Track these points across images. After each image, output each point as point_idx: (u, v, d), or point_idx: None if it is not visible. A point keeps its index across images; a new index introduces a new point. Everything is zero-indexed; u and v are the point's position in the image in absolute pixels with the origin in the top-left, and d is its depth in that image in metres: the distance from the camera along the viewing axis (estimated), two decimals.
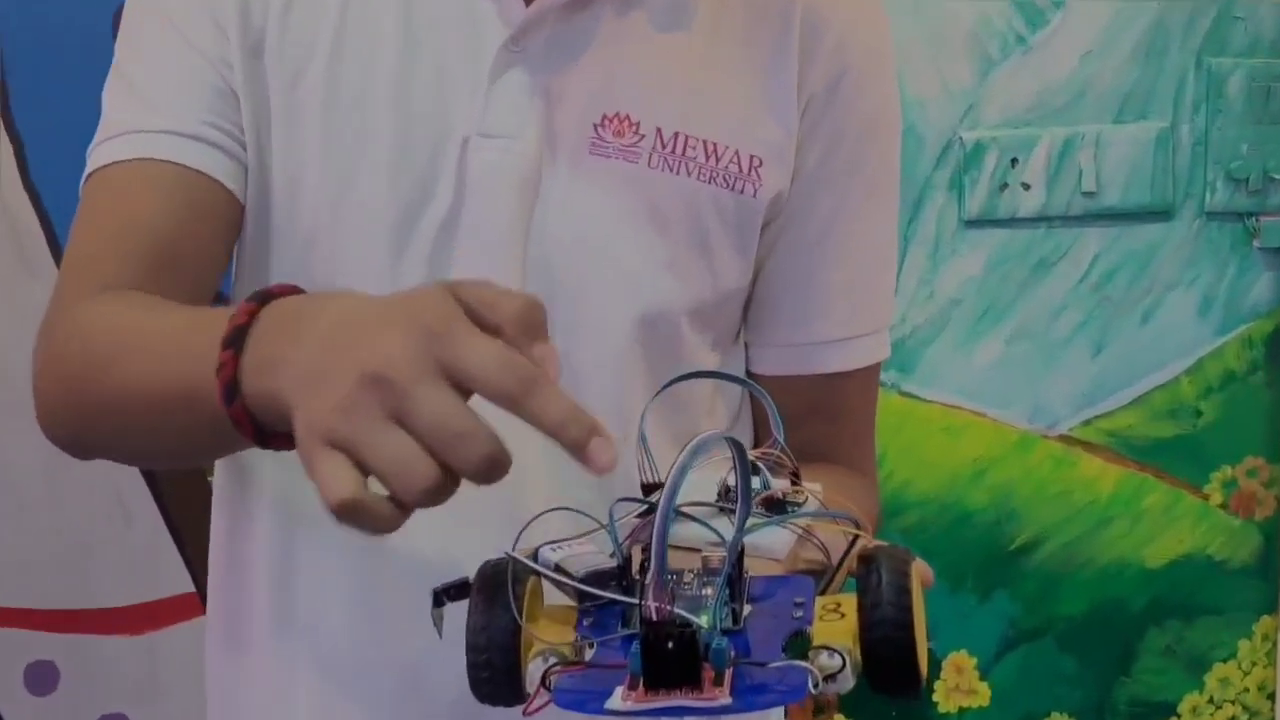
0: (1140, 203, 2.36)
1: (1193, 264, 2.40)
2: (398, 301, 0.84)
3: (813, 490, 0.90)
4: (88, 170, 1.17)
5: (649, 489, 0.88)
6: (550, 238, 1.16)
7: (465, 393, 0.79)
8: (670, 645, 0.74)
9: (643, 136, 1.17)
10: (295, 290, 0.94)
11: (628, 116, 1.17)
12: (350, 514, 0.79)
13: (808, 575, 0.85)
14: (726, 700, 0.74)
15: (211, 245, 1.17)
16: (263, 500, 1.23)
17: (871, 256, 1.28)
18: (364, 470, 0.79)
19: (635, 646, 0.75)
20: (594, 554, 0.82)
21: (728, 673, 0.74)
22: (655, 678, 0.74)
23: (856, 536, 0.85)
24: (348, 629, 1.20)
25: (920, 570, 0.81)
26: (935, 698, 2.42)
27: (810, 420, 0.98)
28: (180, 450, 1.12)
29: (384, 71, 1.16)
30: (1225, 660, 2.50)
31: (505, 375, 0.79)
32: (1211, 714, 2.51)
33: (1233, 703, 2.51)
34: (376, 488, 0.80)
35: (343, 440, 0.79)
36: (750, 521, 0.81)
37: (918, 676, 0.78)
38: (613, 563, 0.81)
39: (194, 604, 2.18)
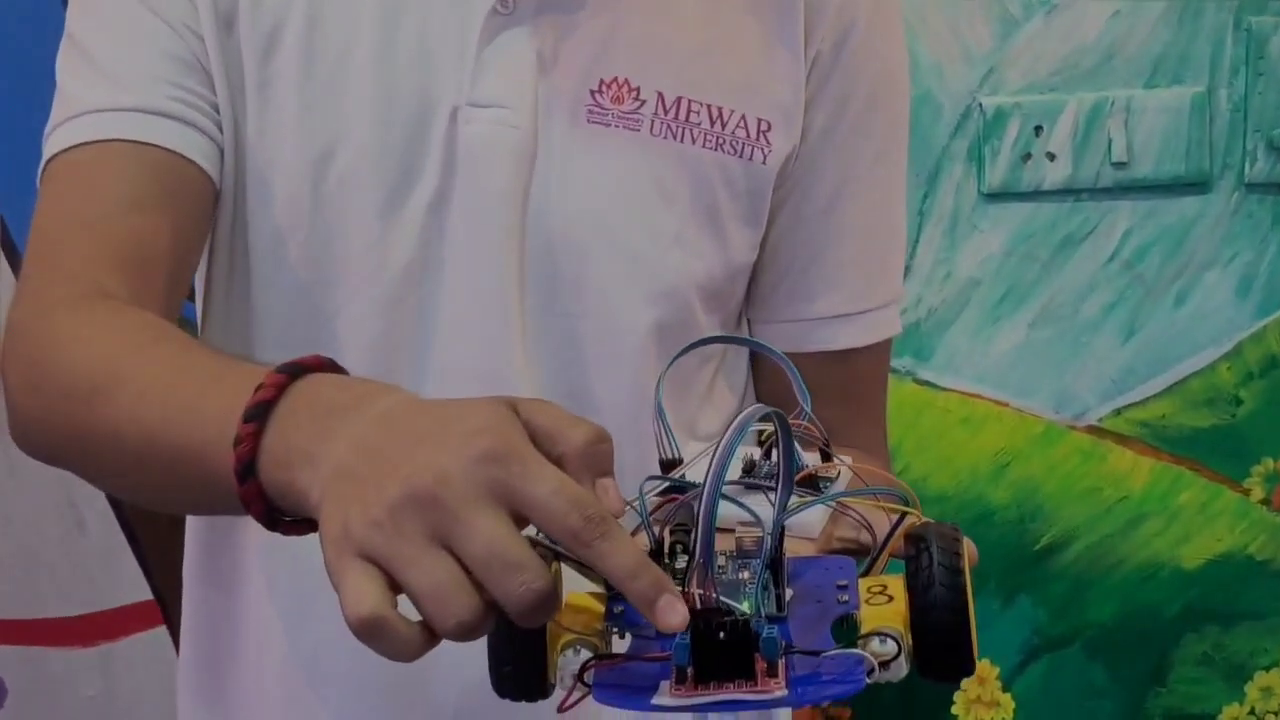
0: (1174, 174, 2.33)
1: (1231, 240, 2.36)
2: (454, 413, 0.82)
3: (844, 462, 0.91)
4: (48, 154, 1.16)
5: (668, 466, 0.89)
6: (549, 214, 1.17)
7: (521, 522, 0.79)
8: (721, 636, 0.74)
9: (643, 102, 1.18)
10: (330, 364, 0.93)
11: (626, 81, 1.17)
12: (373, 633, 0.78)
13: (843, 555, 0.86)
14: (783, 692, 0.74)
15: (188, 234, 1.16)
16: (246, 547, 1.24)
17: (881, 226, 1.30)
18: (395, 589, 0.78)
19: (681, 637, 0.74)
20: None
21: (781, 663, 0.75)
22: (706, 670, 0.74)
23: (903, 514, 0.85)
24: (338, 652, 1.19)
25: (969, 549, 0.81)
26: (955, 710, 2.42)
27: (817, 401, 0.97)
28: (167, 502, 1.12)
29: (364, 39, 1.16)
30: (1268, 669, 2.48)
31: (572, 512, 0.78)
32: None
33: (1276, 714, 2.50)
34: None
35: (380, 556, 0.78)
36: (792, 501, 0.82)
37: (971, 661, 0.78)
38: (644, 547, 0.81)
39: (152, 612, 2.19)
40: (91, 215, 1.12)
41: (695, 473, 0.84)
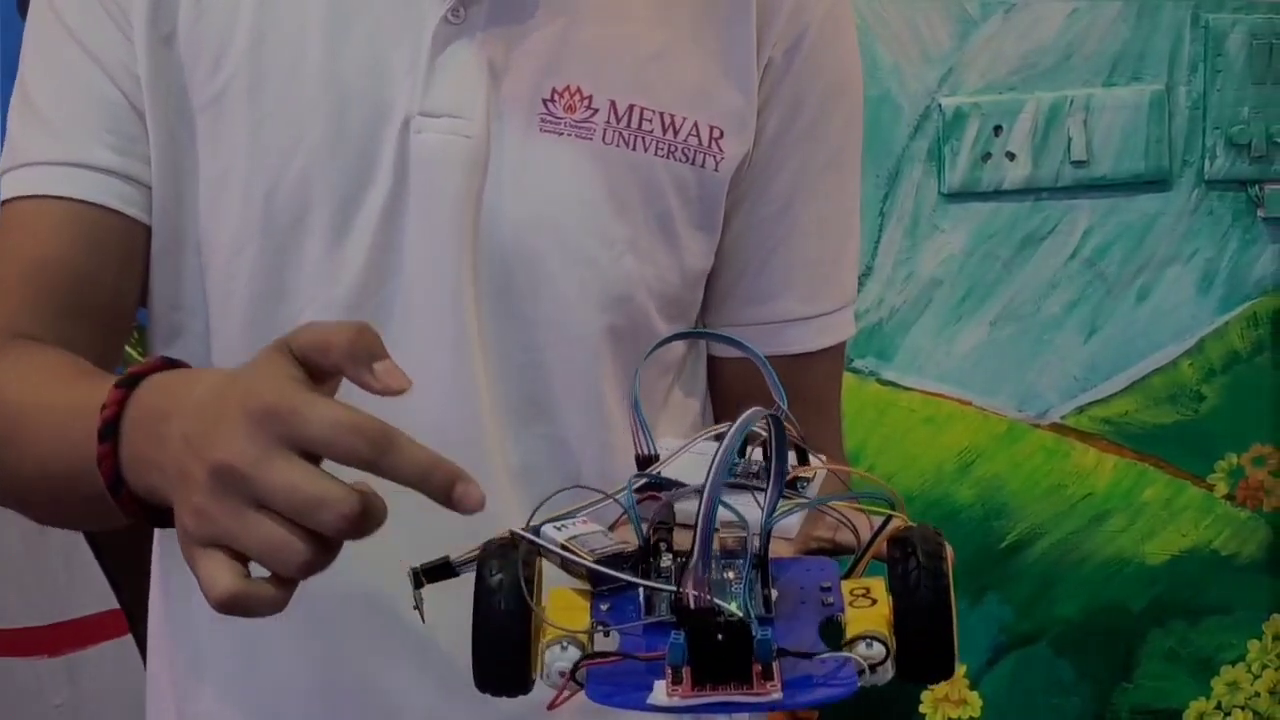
0: (1134, 172, 2.35)
1: (1192, 237, 2.39)
2: (237, 381, 0.89)
3: (823, 462, 0.91)
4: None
5: (644, 462, 0.89)
6: (501, 223, 1.17)
7: (318, 460, 0.85)
8: (720, 638, 0.75)
9: (595, 111, 1.17)
10: (166, 363, 0.99)
11: (579, 89, 1.17)
12: (235, 607, 0.85)
13: (821, 555, 0.87)
14: (778, 695, 0.75)
15: (122, 280, 1.19)
16: None
17: (834, 230, 1.29)
18: (244, 559, 0.86)
19: (676, 637, 0.75)
20: (601, 533, 0.83)
21: (775, 665, 0.75)
22: (702, 671, 0.75)
23: (889, 517, 0.85)
24: (310, 670, 1.22)
25: (949, 554, 0.83)
26: (923, 709, 2.43)
27: (768, 403, 0.97)
28: (85, 523, 1.21)
29: (312, 51, 1.16)
30: (1234, 663, 2.50)
31: (353, 439, 0.84)
32: None
33: (1243, 708, 2.51)
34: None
35: (213, 538, 0.85)
36: (783, 505, 0.83)
37: (953, 664, 0.79)
38: (626, 544, 0.82)
39: (117, 622, 2.20)
40: (29, 266, 1.17)
41: (672, 469, 0.87)
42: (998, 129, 2.30)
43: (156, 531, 1.26)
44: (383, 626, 1.19)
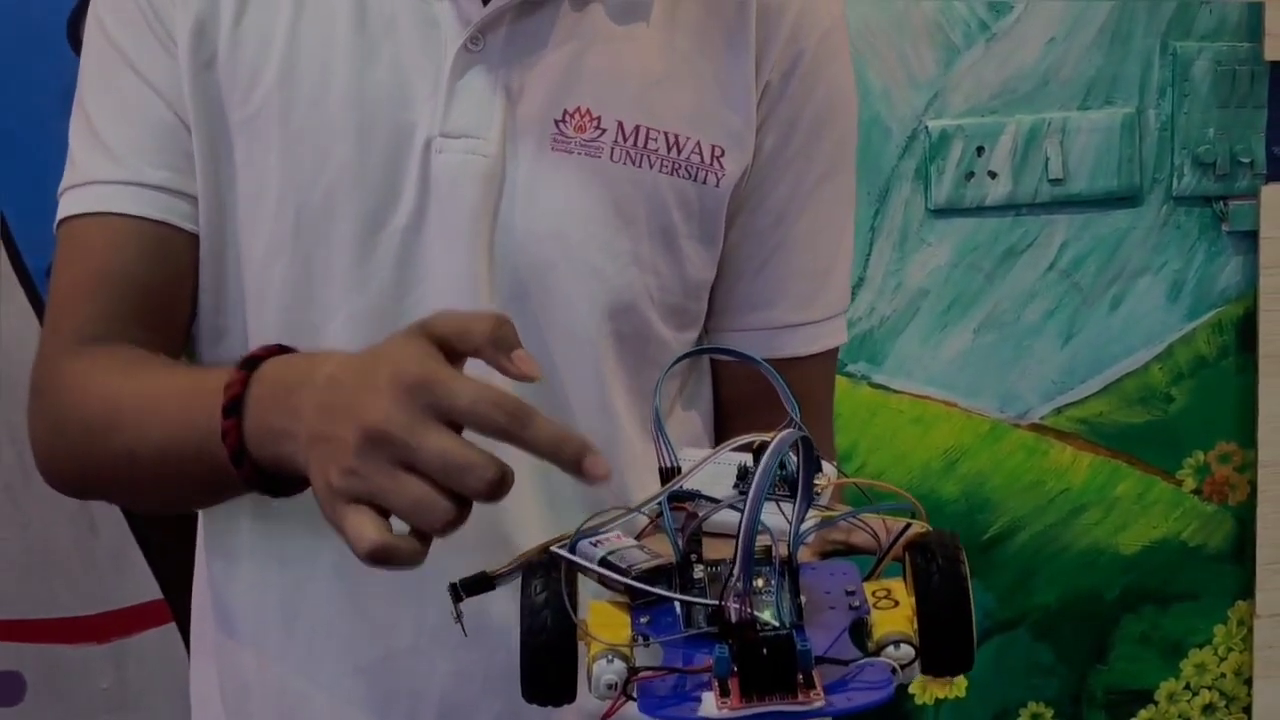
0: (1108, 189, 2.40)
1: (1161, 249, 2.43)
2: (379, 358, 0.94)
3: (830, 473, 0.92)
4: (59, 215, 1.25)
5: (666, 474, 0.90)
6: (515, 235, 1.20)
7: (458, 429, 0.91)
8: (765, 650, 0.76)
9: (604, 130, 1.20)
10: (278, 349, 1.06)
11: (588, 111, 1.20)
12: (381, 558, 0.91)
13: (836, 558, 0.90)
14: (822, 702, 0.76)
15: (181, 289, 1.24)
16: (250, 544, 1.28)
17: (828, 240, 1.32)
18: (385, 515, 0.91)
19: (721, 650, 0.76)
20: (636, 548, 0.85)
21: (816, 673, 0.76)
22: (749, 683, 0.76)
23: (908, 523, 0.87)
24: (344, 655, 1.25)
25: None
26: (911, 690, 2.44)
27: (768, 408, 0.98)
28: (188, 501, 1.25)
29: (339, 77, 1.19)
30: (1201, 646, 2.54)
31: (494, 411, 0.90)
32: (1188, 700, 2.54)
33: (1209, 688, 2.54)
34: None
35: (363, 495, 0.91)
36: (813, 514, 0.84)
37: (973, 657, 0.81)
38: (661, 558, 0.84)
39: (161, 611, 2.22)
40: (93, 282, 1.21)
41: (693, 479, 0.88)
42: (980, 149, 2.35)
43: (202, 523, 1.33)
44: (408, 603, 1.22)
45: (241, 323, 1.24)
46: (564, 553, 0.84)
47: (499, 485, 0.89)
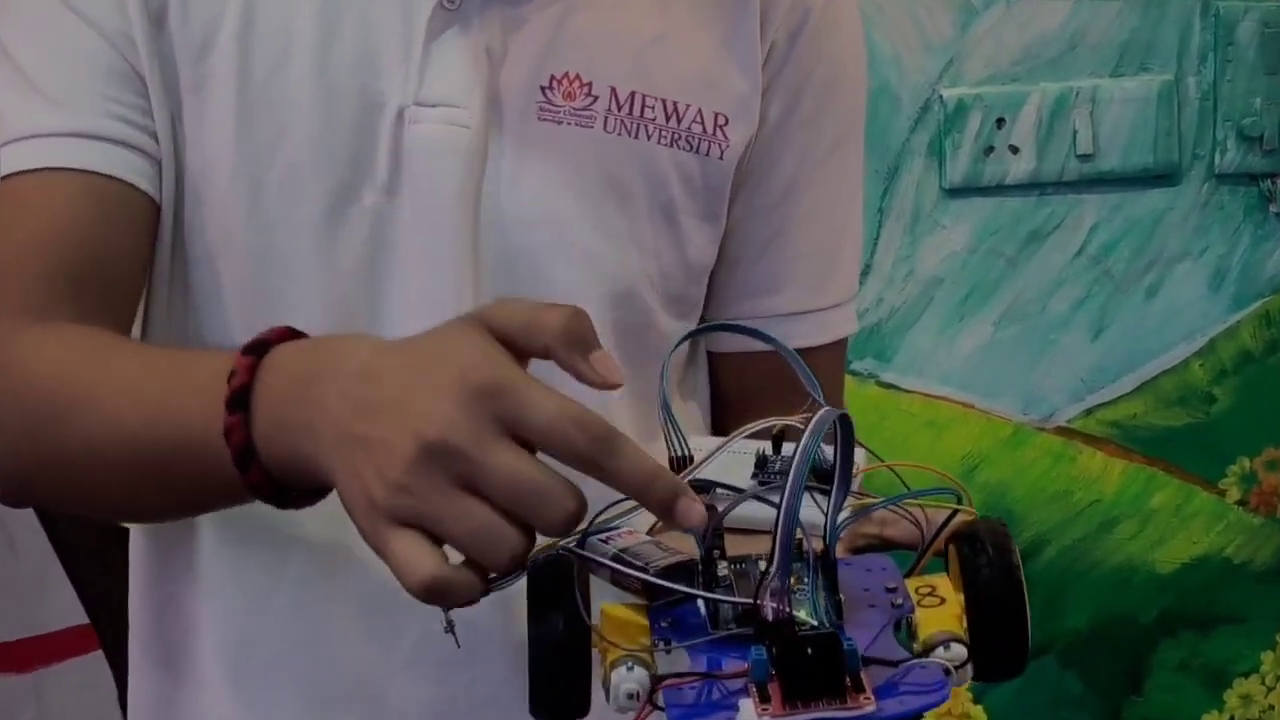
0: (1142, 166, 2.36)
1: (1202, 233, 2.40)
2: (433, 351, 0.88)
3: (860, 458, 0.90)
4: None
5: (678, 463, 0.87)
6: (501, 216, 1.17)
7: (531, 449, 0.84)
8: (809, 651, 0.75)
9: (595, 98, 1.18)
10: (291, 333, 0.98)
11: (578, 76, 1.18)
12: (438, 595, 0.84)
13: (871, 551, 0.89)
14: (873, 707, 0.74)
15: (133, 254, 1.18)
16: (209, 564, 1.24)
17: (835, 221, 1.30)
18: (439, 542, 0.84)
19: (758, 653, 0.75)
20: (651, 544, 0.83)
21: (864, 676, 0.75)
22: (792, 687, 0.74)
23: (954, 511, 0.85)
24: (306, 685, 1.22)
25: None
26: None
27: (773, 403, 0.96)
28: (164, 507, 1.14)
29: (303, 36, 1.16)
30: (1247, 675, 2.51)
31: (577, 435, 0.83)
32: None
33: None
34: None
35: (414, 517, 0.84)
36: (851, 503, 0.83)
37: (1026, 660, 0.80)
38: (681, 554, 0.81)
39: (87, 638, 2.11)
40: (36, 243, 1.15)
41: (708, 470, 0.86)
42: (1001, 121, 2.31)
43: (143, 544, 1.27)
44: (379, 626, 1.19)
45: (193, 318, 1.21)
46: (574, 549, 0.82)
47: (576, 518, 0.83)
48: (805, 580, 0.78)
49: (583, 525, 0.83)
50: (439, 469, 0.83)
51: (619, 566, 0.81)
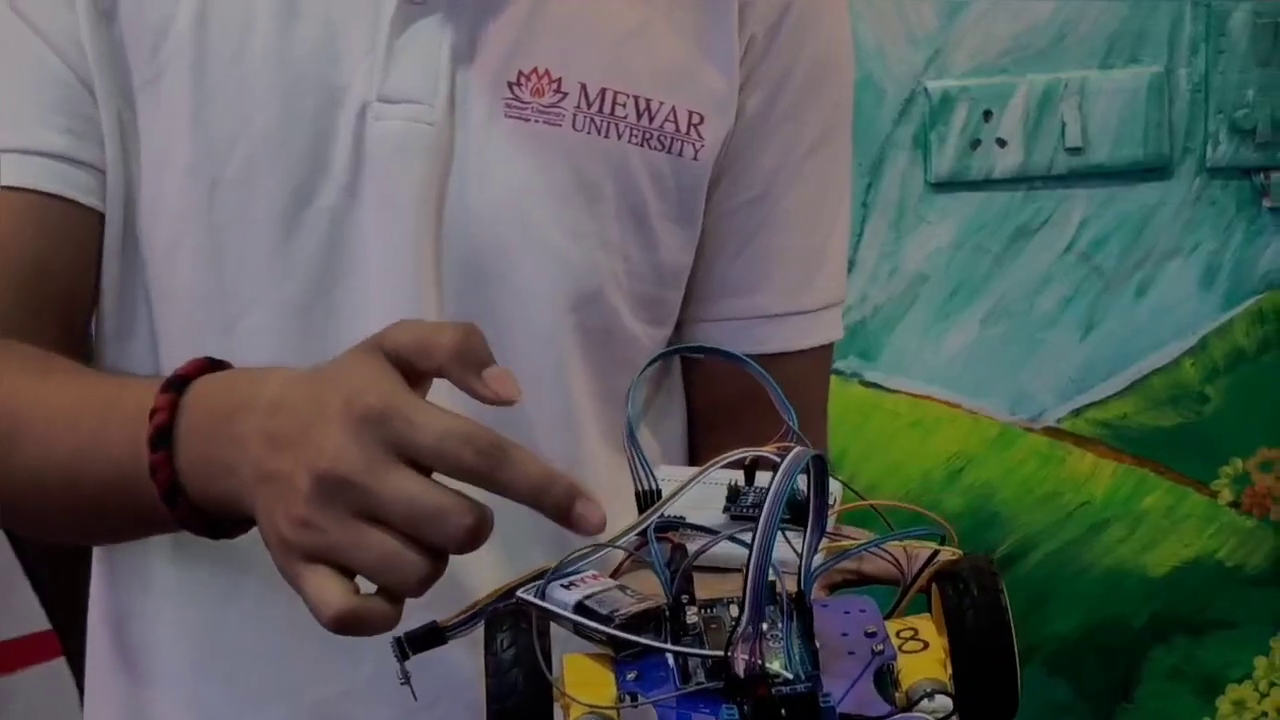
0: (1132, 159, 2.36)
1: (1194, 228, 2.39)
2: (330, 380, 0.89)
3: (836, 490, 0.88)
4: None
5: (645, 498, 0.86)
6: (466, 215, 1.16)
7: (424, 469, 0.86)
8: (783, 712, 0.73)
9: (564, 95, 1.17)
10: (211, 364, 1.00)
11: (547, 72, 1.17)
12: (349, 627, 0.86)
13: (846, 588, 0.87)
14: None
15: (79, 273, 1.19)
16: (163, 575, 1.23)
17: (821, 218, 1.28)
18: (348, 572, 0.86)
19: (730, 712, 0.73)
20: (616, 589, 0.80)
21: None
22: None
23: (935, 551, 0.83)
24: (267, 701, 1.21)
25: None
26: None
27: (752, 412, 0.96)
28: (111, 534, 1.18)
29: (260, 29, 1.15)
30: (1240, 681, 2.50)
31: (464, 450, 0.85)
32: None
33: None
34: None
35: (320, 552, 0.86)
36: (827, 545, 0.81)
37: (1016, 706, 0.78)
38: (647, 600, 0.79)
39: (49, 644, 2.18)
40: None
41: (678, 504, 0.84)
42: (988, 114, 2.31)
43: (97, 550, 1.27)
44: (340, 644, 1.13)
45: (148, 319, 1.20)
46: (533, 599, 0.80)
47: (477, 533, 0.85)
48: (780, 626, 0.76)
49: (546, 570, 0.81)
50: (337, 501, 0.85)
51: (580, 619, 0.79)
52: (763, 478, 0.85)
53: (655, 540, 0.82)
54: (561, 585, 0.80)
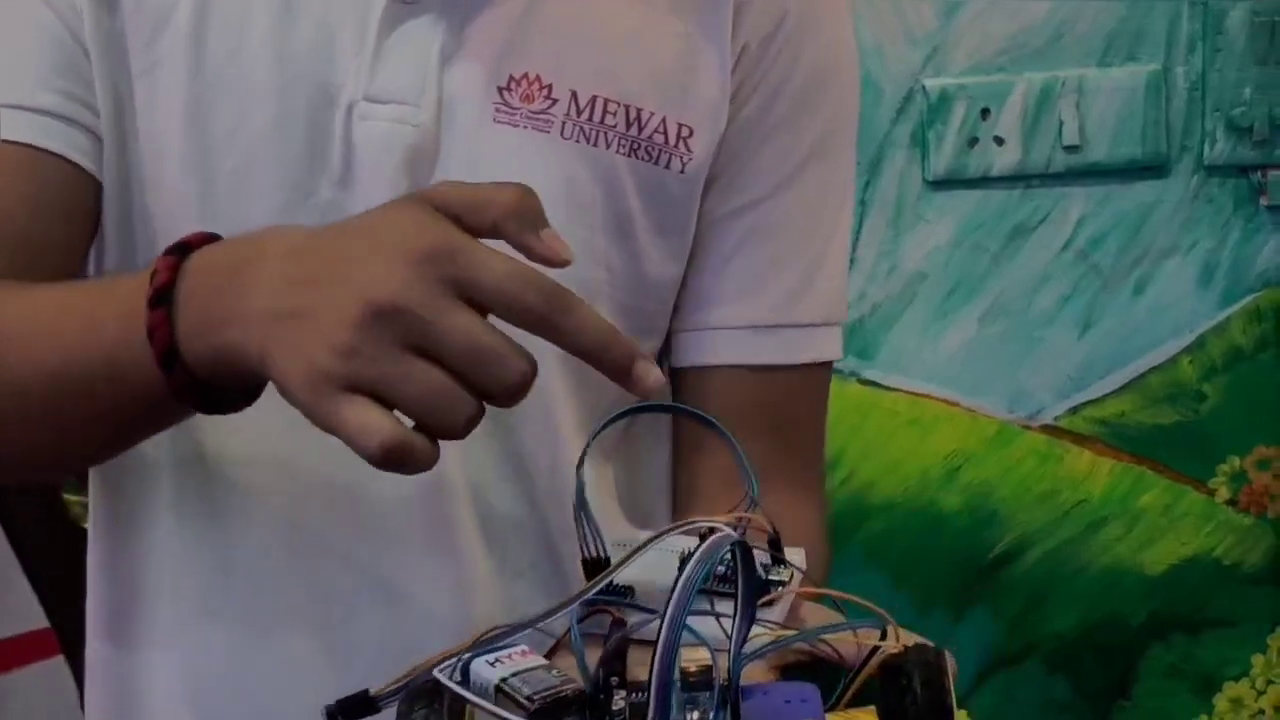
0: (1130, 157, 2.36)
1: (1191, 226, 2.39)
2: (375, 224, 0.87)
3: (796, 564, 0.86)
4: None
5: (592, 566, 0.84)
6: None
7: (482, 310, 0.84)
8: None
9: (555, 101, 1.16)
10: (213, 237, 0.97)
11: (538, 78, 1.16)
12: (398, 459, 0.83)
13: (791, 671, 0.83)
14: None
15: (70, 235, 1.17)
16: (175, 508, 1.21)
17: (815, 232, 1.26)
18: (390, 408, 0.83)
19: None
20: (539, 667, 0.77)
21: None
22: None
23: (876, 647, 0.80)
24: (262, 679, 1.20)
25: (951, 668, 0.79)
26: None
27: (738, 431, 0.92)
28: (86, 441, 1.11)
29: (259, 24, 1.15)
30: (1237, 678, 2.50)
31: (530, 292, 0.84)
32: None
33: None
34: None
35: (364, 381, 0.83)
36: (757, 633, 0.78)
37: None
38: (572, 683, 0.75)
39: (47, 642, 2.19)
40: None
41: (635, 568, 0.81)
42: (985, 112, 2.31)
43: (92, 545, 1.26)
44: (333, 644, 1.18)
45: None
46: (446, 679, 0.76)
47: (527, 381, 0.84)
48: (711, 715, 0.73)
49: (471, 643, 0.78)
50: (389, 331, 0.83)
51: (492, 708, 0.75)
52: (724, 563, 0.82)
53: (597, 611, 0.81)
54: (488, 661, 0.77)
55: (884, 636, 0.79)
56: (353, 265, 0.85)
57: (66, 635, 2.15)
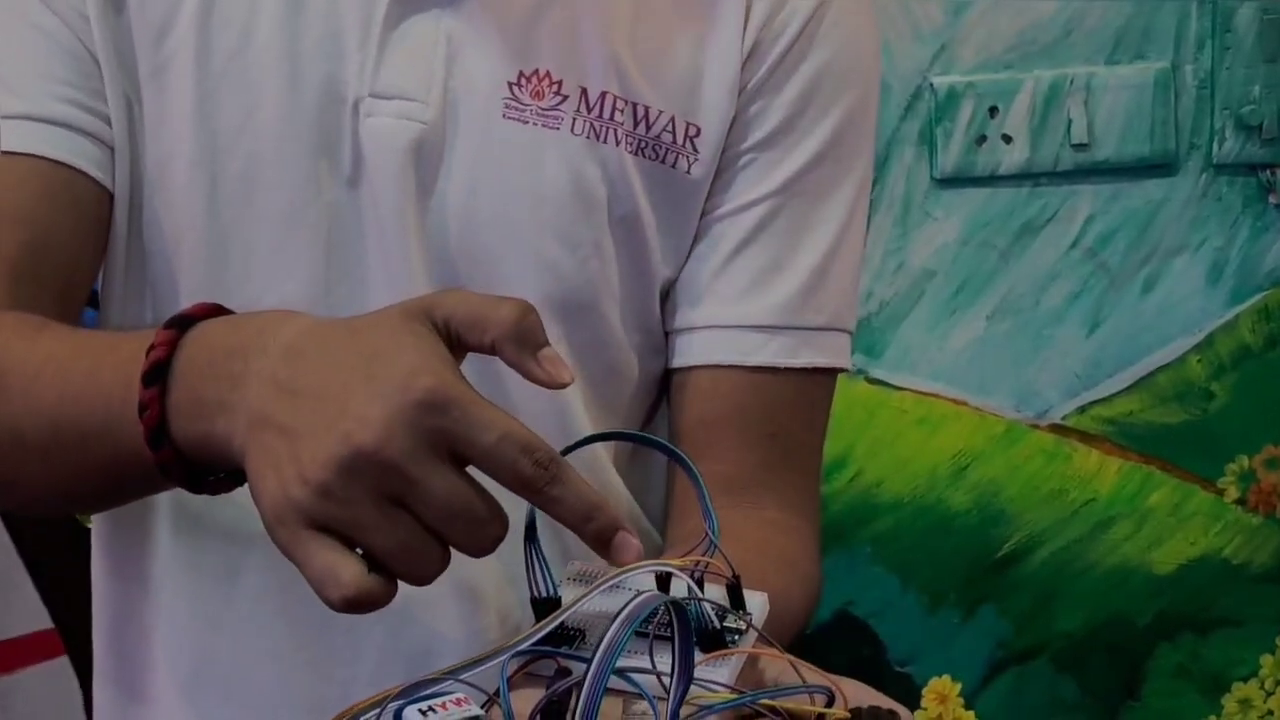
0: (1139, 155, 2.36)
1: (1200, 224, 2.39)
2: (374, 344, 0.85)
3: (755, 611, 0.85)
4: None
5: (542, 606, 0.84)
6: (455, 220, 1.15)
7: (463, 462, 0.83)
8: None
9: (565, 98, 1.16)
10: (217, 310, 0.96)
11: (548, 74, 1.16)
12: (357, 609, 0.83)
13: None
14: None
15: (80, 246, 1.17)
16: (165, 564, 1.22)
17: (821, 235, 1.23)
18: (351, 547, 0.83)
19: None
20: (471, 717, 0.76)
21: None
22: None
23: (821, 714, 0.81)
24: (276, 679, 1.20)
25: None
26: None
27: (733, 436, 0.98)
28: (80, 494, 1.12)
29: (265, 21, 1.15)
30: (1246, 679, 2.50)
31: (522, 459, 0.82)
32: None
33: None
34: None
35: (335, 523, 0.83)
36: (695, 694, 0.76)
37: None
38: None
39: (51, 643, 2.18)
40: None
41: (594, 604, 0.81)
42: (993, 110, 2.31)
43: (96, 547, 1.27)
44: (338, 645, 1.18)
45: (151, 316, 1.19)
46: None
47: (498, 543, 0.84)
48: None
49: (399, 689, 0.78)
50: (368, 479, 0.82)
51: None
52: (678, 585, 0.82)
53: (540, 656, 0.80)
54: (419, 710, 0.76)
55: (830, 704, 0.79)
56: (345, 393, 0.84)
57: (69, 635, 2.15)
